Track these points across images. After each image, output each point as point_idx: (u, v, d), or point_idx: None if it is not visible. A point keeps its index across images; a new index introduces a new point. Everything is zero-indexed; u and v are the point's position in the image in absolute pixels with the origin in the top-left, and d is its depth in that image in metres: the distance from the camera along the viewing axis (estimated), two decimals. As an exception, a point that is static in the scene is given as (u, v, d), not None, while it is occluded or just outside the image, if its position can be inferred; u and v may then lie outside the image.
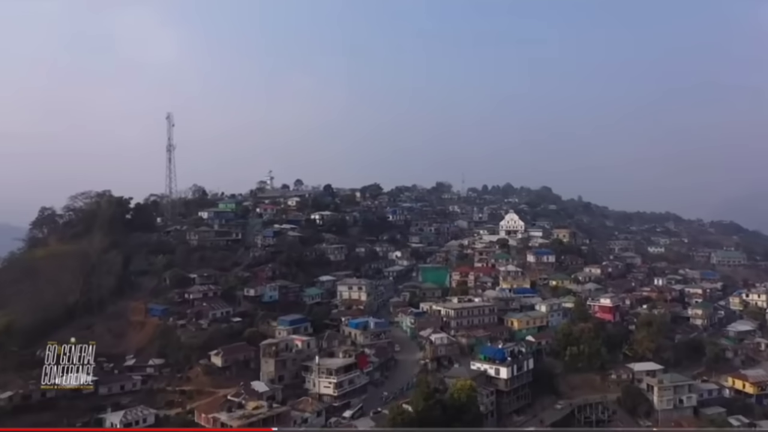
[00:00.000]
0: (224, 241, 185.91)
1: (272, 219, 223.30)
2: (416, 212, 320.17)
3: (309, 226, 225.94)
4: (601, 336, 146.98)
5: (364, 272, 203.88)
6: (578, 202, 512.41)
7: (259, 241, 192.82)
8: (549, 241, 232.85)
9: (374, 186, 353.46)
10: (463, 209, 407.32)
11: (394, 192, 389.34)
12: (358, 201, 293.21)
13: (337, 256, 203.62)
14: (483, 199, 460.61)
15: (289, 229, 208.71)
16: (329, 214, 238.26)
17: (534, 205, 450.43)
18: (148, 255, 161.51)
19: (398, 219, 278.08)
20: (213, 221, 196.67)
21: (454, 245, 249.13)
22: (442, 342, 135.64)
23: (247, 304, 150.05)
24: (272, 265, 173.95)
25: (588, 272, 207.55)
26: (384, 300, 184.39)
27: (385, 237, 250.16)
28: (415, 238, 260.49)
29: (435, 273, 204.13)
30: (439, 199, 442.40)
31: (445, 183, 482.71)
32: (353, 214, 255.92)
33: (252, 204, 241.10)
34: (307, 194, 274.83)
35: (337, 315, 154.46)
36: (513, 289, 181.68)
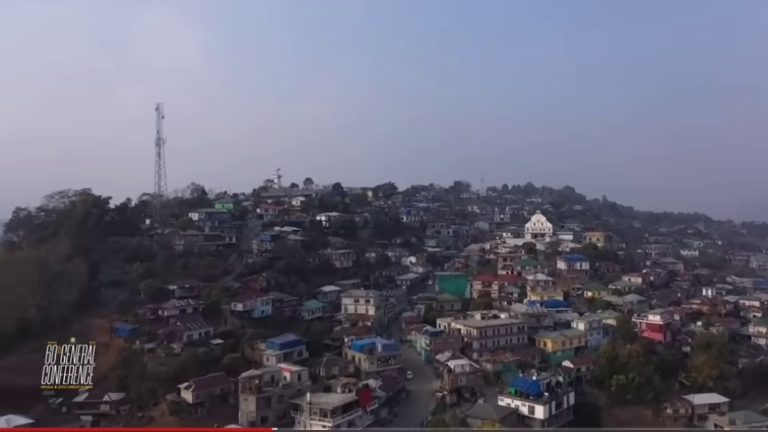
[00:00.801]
0: (215, 246, 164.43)
1: (273, 221, 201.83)
2: (433, 213, 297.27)
3: (314, 228, 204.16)
4: (652, 361, 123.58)
5: (373, 281, 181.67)
6: (603, 202, 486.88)
7: (255, 245, 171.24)
8: (581, 246, 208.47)
9: (388, 185, 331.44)
10: (483, 210, 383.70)
11: (410, 191, 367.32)
12: (370, 201, 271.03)
13: (343, 262, 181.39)
14: (504, 199, 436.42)
15: (290, 232, 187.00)
16: (337, 216, 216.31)
17: (558, 206, 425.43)
18: (123, 263, 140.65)
19: (413, 220, 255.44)
20: (204, 223, 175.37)
21: (475, 250, 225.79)
22: (463, 370, 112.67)
23: (234, 321, 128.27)
24: (268, 274, 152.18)
25: (627, 281, 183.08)
26: (395, 313, 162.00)
27: (398, 240, 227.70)
28: (431, 242, 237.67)
29: (454, 282, 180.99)
30: (457, 198, 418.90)
31: (463, 182, 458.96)
32: (364, 215, 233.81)
33: (252, 204, 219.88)
34: (314, 194, 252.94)
35: (340, 333, 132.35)
36: (543, 301, 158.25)
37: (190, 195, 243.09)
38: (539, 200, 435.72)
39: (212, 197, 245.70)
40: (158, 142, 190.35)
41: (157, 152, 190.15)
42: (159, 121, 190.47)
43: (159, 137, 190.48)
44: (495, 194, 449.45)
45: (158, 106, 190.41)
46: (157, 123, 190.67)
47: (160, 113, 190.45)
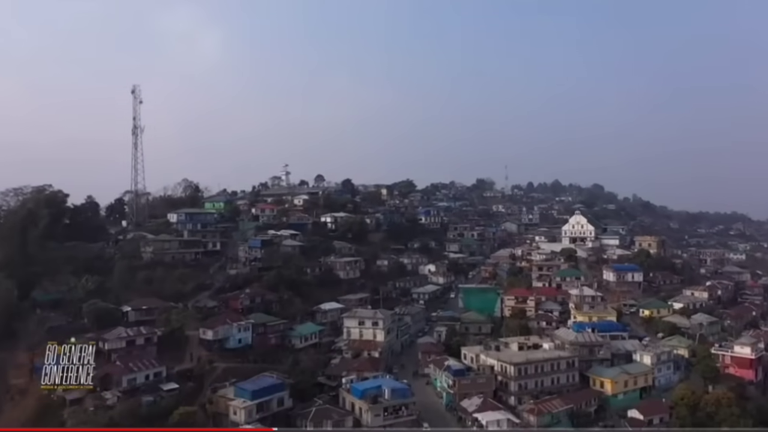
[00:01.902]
0: (192, 255, 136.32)
1: (269, 223, 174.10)
2: (454, 213, 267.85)
3: (317, 231, 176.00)
4: (747, 410, 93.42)
5: (385, 294, 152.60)
6: (636, 200, 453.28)
7: (242, 253, 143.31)
8: (631, 253, 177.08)
9: (406, 182, 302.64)
10: (509, 209, 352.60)
11: (429, 189, 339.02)
12: (384, 199, 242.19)
13: (349, 272, 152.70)
14: (530, 197, 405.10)
15: (287, 236, 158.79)
16: (344, 216, 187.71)
17: (590, 205, 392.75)
18: (70, 276, 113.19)
19: (432, 222, 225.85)
20: (183, 226, 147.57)
21: (504, 256, 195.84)
22: (499, 427, 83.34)
23: (202, 354, 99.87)
24: (253, 289, 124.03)
25: (690, 296, 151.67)
26: (411, 336, 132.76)
27: (415, 245, 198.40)
28: (453, 246, 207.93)
29: (481, 297, 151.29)
30: (480, 197, 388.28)
31: (486, 180, 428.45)
32: (376, 215, 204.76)
33: (248, 204, 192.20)
34: (320, 191, 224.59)
35: (339, 368, 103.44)
36: (592, 323, 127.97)
37: (182, 193, 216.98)
38: (569, 199, 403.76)
39: (208, 195, 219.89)
40: (134, 130, 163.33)
41: (134, 142, 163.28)
42: (136, 106, 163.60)
43: (135, 125, 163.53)
44: (521, 193, 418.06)
45: (134, 89, 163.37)
46: (133, 109, 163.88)
47: (137, 97, 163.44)
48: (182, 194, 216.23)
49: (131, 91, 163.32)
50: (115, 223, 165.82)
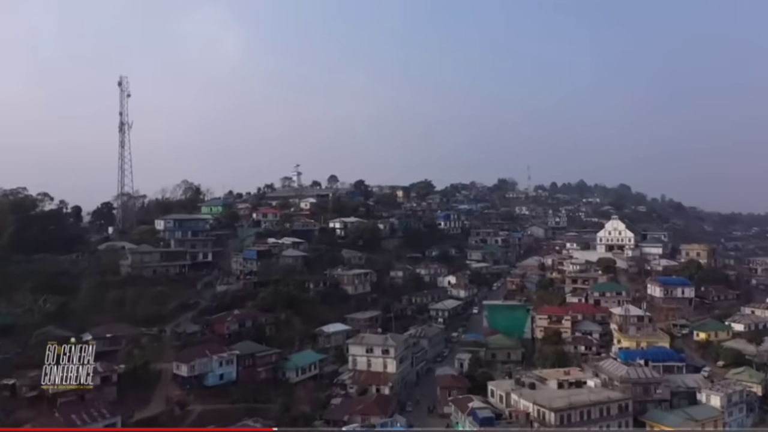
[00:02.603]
0: (177, 268, 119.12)
1: (271, 229, 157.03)
2: (476, 216, 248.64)
3: (324, 238, 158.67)
4: None
5: (399, 311, 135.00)
6: (668, 202, 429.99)
7: (236, 265, 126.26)
8: (678, 264, 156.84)
9: (424, 183, 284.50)
10: (534, 211, 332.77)
11: (448, 191, 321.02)
12: (400, 202, 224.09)
13: (358, 286, 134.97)
14: (555, 198, 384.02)
15: (289, 244, 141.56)
16: (355, 222, 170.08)
17: (619, 206, 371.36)
18: (30, 295, 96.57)
19: (452, 226, 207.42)
20: (171, 234, 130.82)
21: (532, 265, 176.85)
22: None
23: (175, 392, 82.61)
24: (244, 311, 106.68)
25: (750, 315, 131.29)
26: (428, 362, 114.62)
27: (434, 253, 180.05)
28: (475, 254, 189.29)
29: (508, 315, 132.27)
30: (502, 198, 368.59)
31: (508, 180, 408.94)
32: (390, 220, 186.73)
33: (250, 208, 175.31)
34: (330, 193, 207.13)
35: (339, 411, 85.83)
36: (642, 350, 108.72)
37: (182, 195, 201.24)
38: (597, 200, 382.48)
39: (210, 198, 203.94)
40: (121, 127, 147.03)
41: (120, 140, 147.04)
42: (123, 99, 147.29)
43: (123, 121, 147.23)
44: (545, 194, 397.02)
45: (121, 80, 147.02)
46: (120, 103, 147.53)
47: (124, 90, 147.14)
48: (182, 196, 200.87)
49: (118, 83, 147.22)
50: (101, 230, 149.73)
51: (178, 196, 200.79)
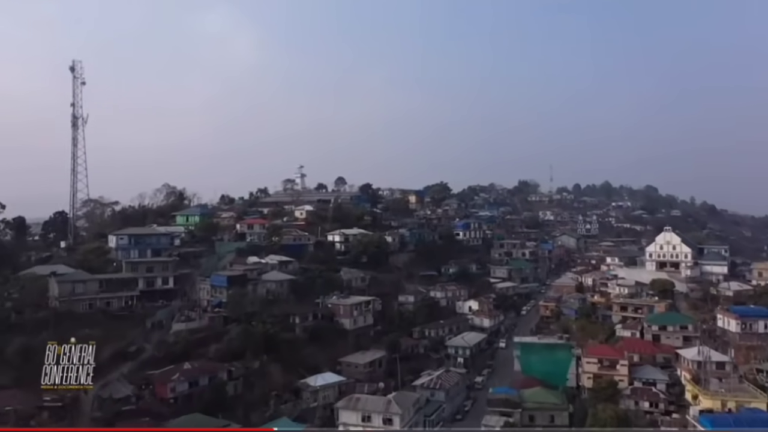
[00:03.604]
0: (122, 300, 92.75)
1: (257, 244, 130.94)
2: (498, 223, 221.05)
3: (320, 255, 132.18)
4: None
5: (409, 349, 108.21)
6: (701, 205, 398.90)
7: (205, 294, 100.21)
8: (752, 288, 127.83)
9: (439, 186, 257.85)
10: (559, 216, 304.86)
11: (466, 193, 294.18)
12: (413, 209, 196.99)
13: (357, 318, 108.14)
14: (582, 202, 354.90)
15: (274, 264, 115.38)
16: (358, 234, 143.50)
17: (651, 210, 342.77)
18: None
19: (473, 237, 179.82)
20: (127, 253, 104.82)
21: (567, 285, 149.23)
22: None
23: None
24: (201, 362, 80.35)
25: None
26: (444, 423, 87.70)
27: (451, 269, 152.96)
28: (500, 271, 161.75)
29: (546, 357, 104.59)
30: (524, 202, 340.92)
31: (530, 181, 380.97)
32: (400, 231, 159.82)
33: (235, 217, 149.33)
34: (332, 199, 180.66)
35: None
36: (731, 413, 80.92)
37: (164, 200, 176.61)
38: (627, 204, 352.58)
39: (196, 204, 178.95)
40: (74, 121, 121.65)
41: (73, 137, 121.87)
42: (76, 88, 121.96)
43: (75, 114, 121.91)
44: (570, 196, 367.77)
45: (74, 65, 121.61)
46: (73, 92, 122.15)
47: (77, 77, 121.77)
48: (164, 202, 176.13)
49: (70, 68, 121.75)
50: (53, 245, 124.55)
51: (159, 202, 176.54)
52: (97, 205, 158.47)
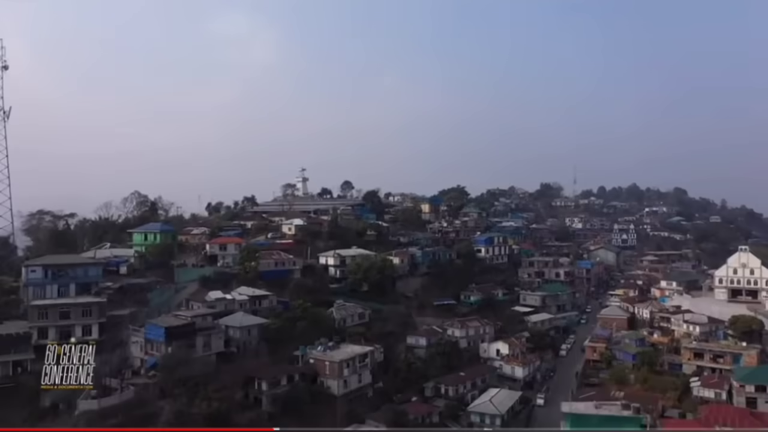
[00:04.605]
0: (8, 367, 65.48)
1: (227, 271, 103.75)
2: (524, 234, 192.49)
3: (308, 284, 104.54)
4: None
5: (420, 419, 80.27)
6: (739, 209, 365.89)
7: (138, 350, 73.29)
8: None
9: (455, 191, 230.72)
10: (588, 223, 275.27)
11: (485, 198, 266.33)
12: (426, 220, 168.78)
13: (350, 378, 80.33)
14: (612, 207, 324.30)
15: (244, 300, 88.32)
16: (357, 256, 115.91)
17: (688, 216, 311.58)
18: None
19: (497, 254, 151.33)
20: (39, 291, 78.06)
21: (618, 318, 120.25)
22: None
23: None
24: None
25: None
26: None
27: (472, 297, 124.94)
28: (532, 298, 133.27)
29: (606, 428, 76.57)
30: (548, 207, 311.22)
31: (553, 184, 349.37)
32: (411, 250, 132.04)
33: (207, 234, 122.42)
34: (331, 209, 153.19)
35: None
36: None
37: (134, 211, 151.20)
38: (663, 209, 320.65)
39: (172, 215, 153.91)
40: None
41: None
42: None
43: None
44: (598, 201, 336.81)
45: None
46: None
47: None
48: (134, 213, 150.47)
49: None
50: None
51: (131, 212, 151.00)
52: (50, 217, 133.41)
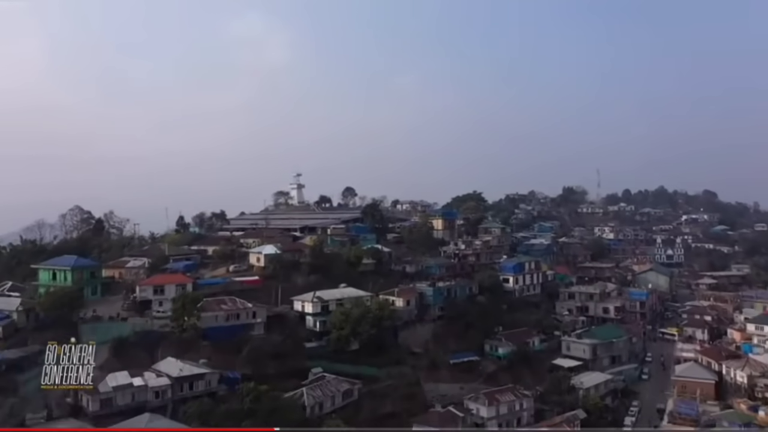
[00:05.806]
0: None
1: (150, 331, 73.05)
2: (556, 253, 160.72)
3: (274, 344, 73.70)
4: None
5: None
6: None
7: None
8: None
9: (472, 197, 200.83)
10: (620, 233, 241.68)
11: (503, 204, 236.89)
12: (438, 238, 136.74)
13: None
14: (645, 214, 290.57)
15: (154, 388, 57.69)
16: (344, 300, 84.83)
17: (731, 224, 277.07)
18: None
19: (527, 284, 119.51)
20: None
21: (704, 383, 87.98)
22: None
23: None
24: None
25: None
26: None
27: (500, 348, 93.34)
28: (579, 348, 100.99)
29: None
30: (573, 214, 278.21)
31: (576, 188, 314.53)
32: (420, 287, 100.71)
33: (146, 269, 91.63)
34: (320, 230, 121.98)
35: None
36: None
37: (73, 232, 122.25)
38: (704, 217, 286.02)
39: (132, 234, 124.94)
40: None
41: None
42: None
43: None
44: (628, 207, 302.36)
45: None
46: None
47: None
48: (73, 233, 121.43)
49: None
50: None
51: (66, 234, 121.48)
52: None
